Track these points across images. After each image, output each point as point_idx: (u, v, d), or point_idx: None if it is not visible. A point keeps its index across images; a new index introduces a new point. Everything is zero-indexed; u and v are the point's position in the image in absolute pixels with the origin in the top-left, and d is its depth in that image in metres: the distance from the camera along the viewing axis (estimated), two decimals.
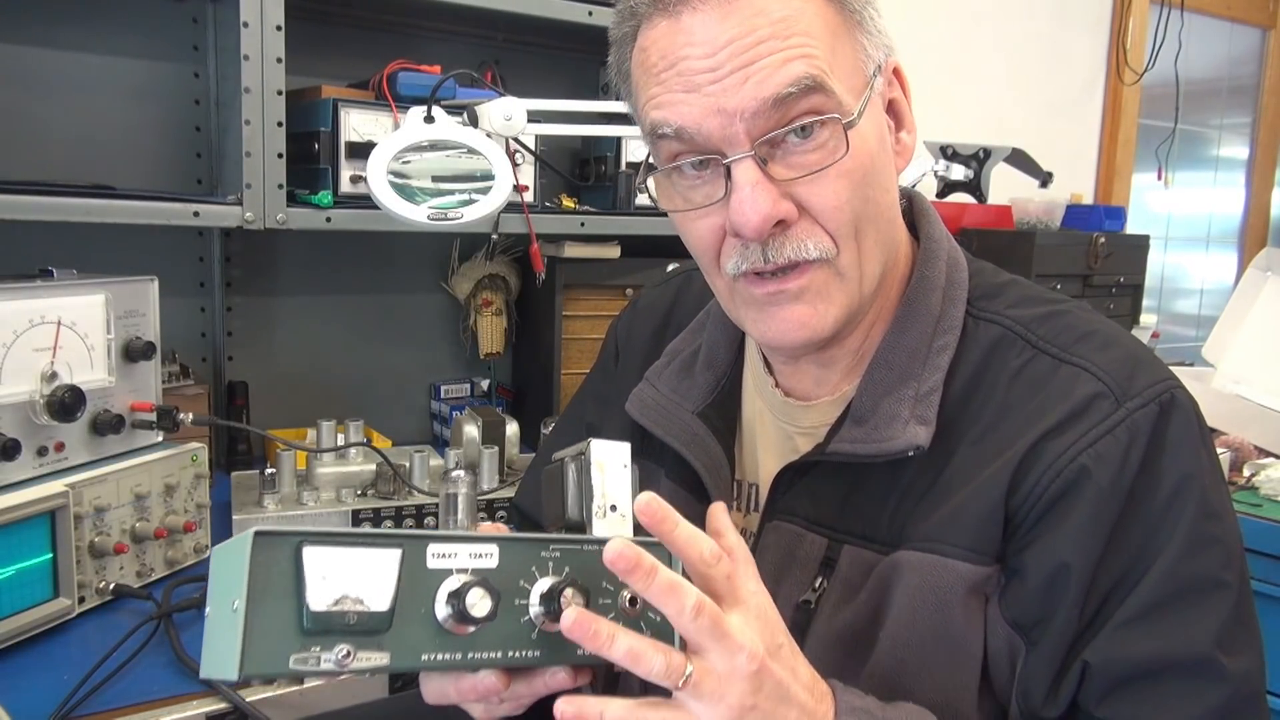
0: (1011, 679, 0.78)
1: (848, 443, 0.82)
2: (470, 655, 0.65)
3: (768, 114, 0.74)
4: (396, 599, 0.62)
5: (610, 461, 0.73)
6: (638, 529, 0.72)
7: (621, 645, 0.63)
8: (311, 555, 0.60)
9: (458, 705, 0.72)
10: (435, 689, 0.70)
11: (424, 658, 0.63)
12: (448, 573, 0.64)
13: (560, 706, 0.63)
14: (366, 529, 0.64)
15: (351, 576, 0.61)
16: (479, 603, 0.62)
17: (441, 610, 0.63)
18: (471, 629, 0.64)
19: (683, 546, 0.66)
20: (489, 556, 0.66)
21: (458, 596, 0.62)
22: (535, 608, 0.66)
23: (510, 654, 0.66)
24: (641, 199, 1.86)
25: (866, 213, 0.78)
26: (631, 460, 0.74)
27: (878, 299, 0.86)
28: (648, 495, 0.66)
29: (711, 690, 0.64)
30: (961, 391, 0.82)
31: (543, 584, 0.67)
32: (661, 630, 0.69)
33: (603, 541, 0.68)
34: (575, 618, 0.63)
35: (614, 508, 0.72)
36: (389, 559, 0.62)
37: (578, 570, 0.68)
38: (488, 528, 0.75)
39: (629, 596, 0.69)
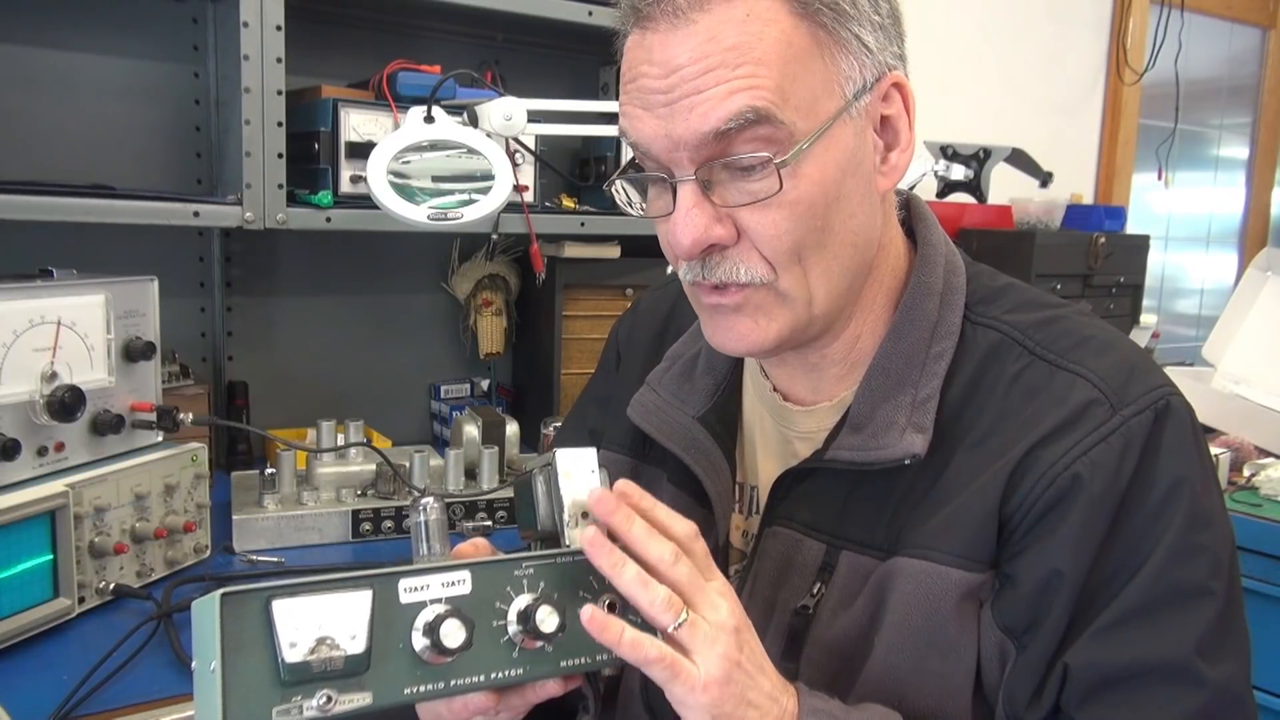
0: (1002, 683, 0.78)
1: (845, 450, 0.82)
2: (454, 682, 0.65)
3: (710, 145, 0.74)
4: (372, 639, 0.62)
5: (577, 469, 0.73)
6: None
7: (629, 573, 0.67)
8: (281, 608, 0.60)
9: None
10: (429, 710, 0.71)
11: (407, 692, 0.64)
12: (422, 605, 0.65)
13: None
14: (335, 574, 0.64)
15: (324, 623, 0.61)
16: (453, 633, 0.63)
17: (419, 643, 0.64)
18: (451, 658, 0.64)
19: (640, 545, 0.69)
20: (462, 583, 0.66)
21: (432, 629, 0.63)
22: (514, 626, 0.67)
23: (494, 675, 0.66)
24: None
25: (815, 239, 0.77)
26: (599, 464, 0.74)
27: (860, 311, 0.85)
28: (598, 490, 0.70)
29: (705, 635, 0.68)
30: (958, 398, 0.82)
31: (519, 602, 0.67)
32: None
33: (575, 553, 0.70)
34: (591, 614, 0.66)
35: (585, 515, 0.73)
36: (360, 600, 0.63)
37: (553, 584, 0.69)
38: (465, 548, 0.75)
39: (608, 602, 0.69)
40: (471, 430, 1.70)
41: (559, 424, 1.75)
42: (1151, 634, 0.73)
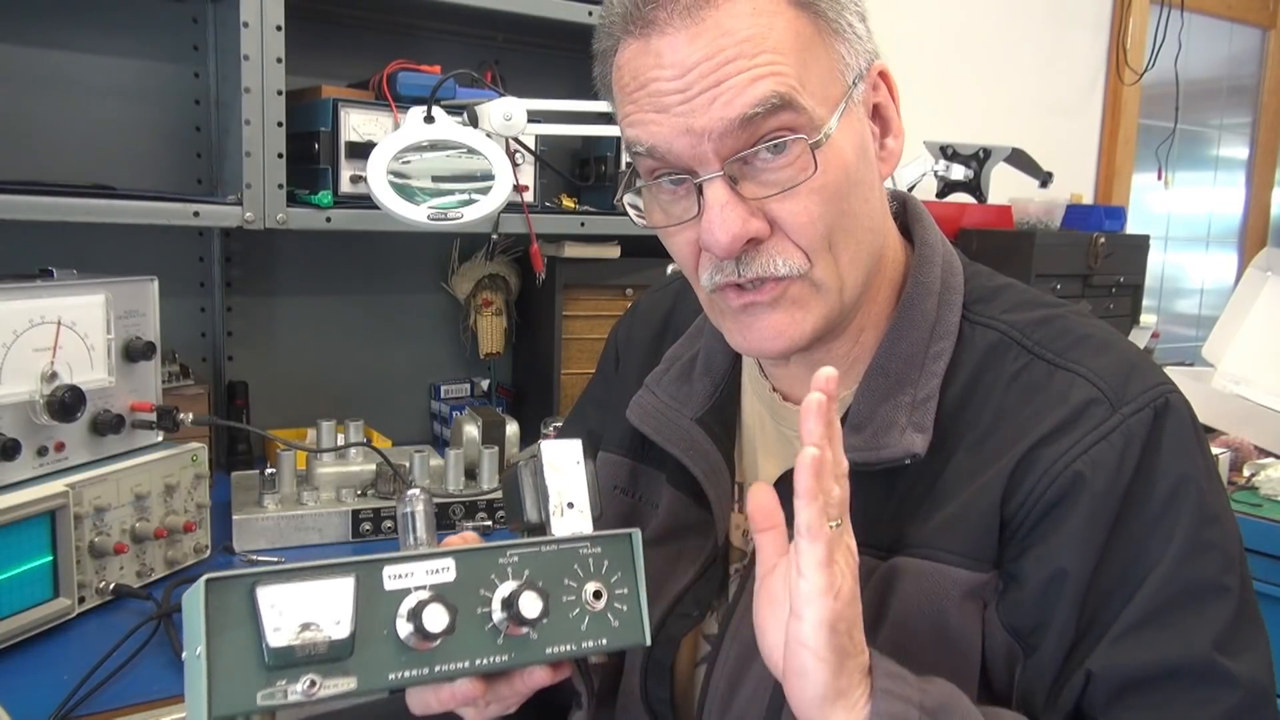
0: (1010, 684, 0.78)
1: (846, 451, 0.82)
2: (438, 668, 0.66)
3: (735, 134, 0.74)
4: (356, 624, 0.63)
5: (563, 461, 0.74)
6: (595, 523, 0.74)
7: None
8: (265, 594, 0.61)
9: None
10: (418, 700, 0.71)
11: (391, 677, 0.64)
12: (406, 591, 0.65)
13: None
14: (321, 561, 0.64)
15: (308, 608, 0.62)
16: (436, 618, 0.64)
17: (403, 629, 0.65)
18: (435, 643, 0.65)
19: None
20: (446, 571, 0.67)
21: (415, 614, 0.64)
22: (498, 613, 0.67)
23: (479, 661, 0.67)
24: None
25: (842, 225, 0.77)
26: (584, 456, 0.75)
27: (866, 305, 0.85)
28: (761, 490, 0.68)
29: (843, 558, 0.66)
30: (958, 397, 0.82)
31: (503, 589, 0.68)
32: (629, 621, 0.71)
33: (559, 541, 0.71)
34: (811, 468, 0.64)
35: (570, 505, 0.74)
36: (344, 587, 0.63)
37: (537, 572, 0.69)
38: (454, 540, 0.75)
39: (593, 590, 0.70)
40: (471, 430, 1.70)
41: (559, 424, 1.75)
42: (1171, 634, 0.73)
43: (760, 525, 0.68)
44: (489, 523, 1.58)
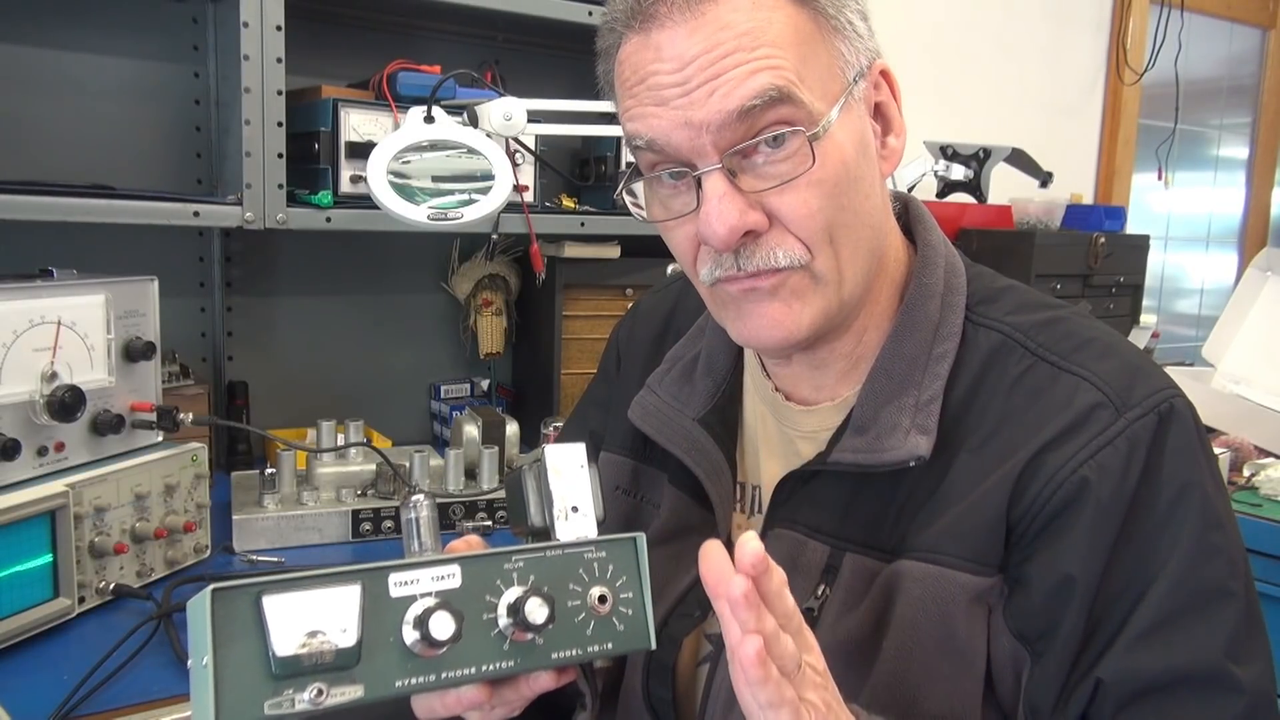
0: (1016, 689, 0.78)
1: (849, 452, 0.82)
2: (445, 675, 0.66)
3: (734, 126, 0.74)
4: (362, 632, 0.63)
5: (567, 465, 0.74)
6: (600, 527, 0.73)
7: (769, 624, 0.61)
8: (271, 603, 0.61)
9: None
10: (424, 705, 0.71)
11: (398, 684, 0.64)
12: (412, 599, 0.65)
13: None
14: (326, 569, 0.64)
15: (315, 617, 0.62)
16: (442, 625, 0.63)
17: (409, 636, 0.65)
18: (441, 650, 0.65)
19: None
20: (452, 577, 0.67)
21: (421, 622, 0.64)
22: (504, 619, 0.67)
23: (485, 667, 0.67)
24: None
25: (842, 220, 0.78)
26: (588, 460, 0.75)
27: (868, 304, 0.85)
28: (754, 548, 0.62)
29: (811, 693, 0.64)
30: (961, 399, 0.82)
31: (509, 595, 0.68)
32: (634, 625, 0.71)
33: (564, 546, 0.71)
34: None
35: (575, 509, 0.73)
36: (350, 595, 0.63)
37: (542, 577, 0.69)
38: (458, 545, 0.75)
39: (598, 595, 0.70)
40: (471, 430, 1.70)
41: (559, 424, 1.75)
42: (1181, 640, 0.73)
43: (715, 591, 0.60)
44: (489, 522, 1.58)
